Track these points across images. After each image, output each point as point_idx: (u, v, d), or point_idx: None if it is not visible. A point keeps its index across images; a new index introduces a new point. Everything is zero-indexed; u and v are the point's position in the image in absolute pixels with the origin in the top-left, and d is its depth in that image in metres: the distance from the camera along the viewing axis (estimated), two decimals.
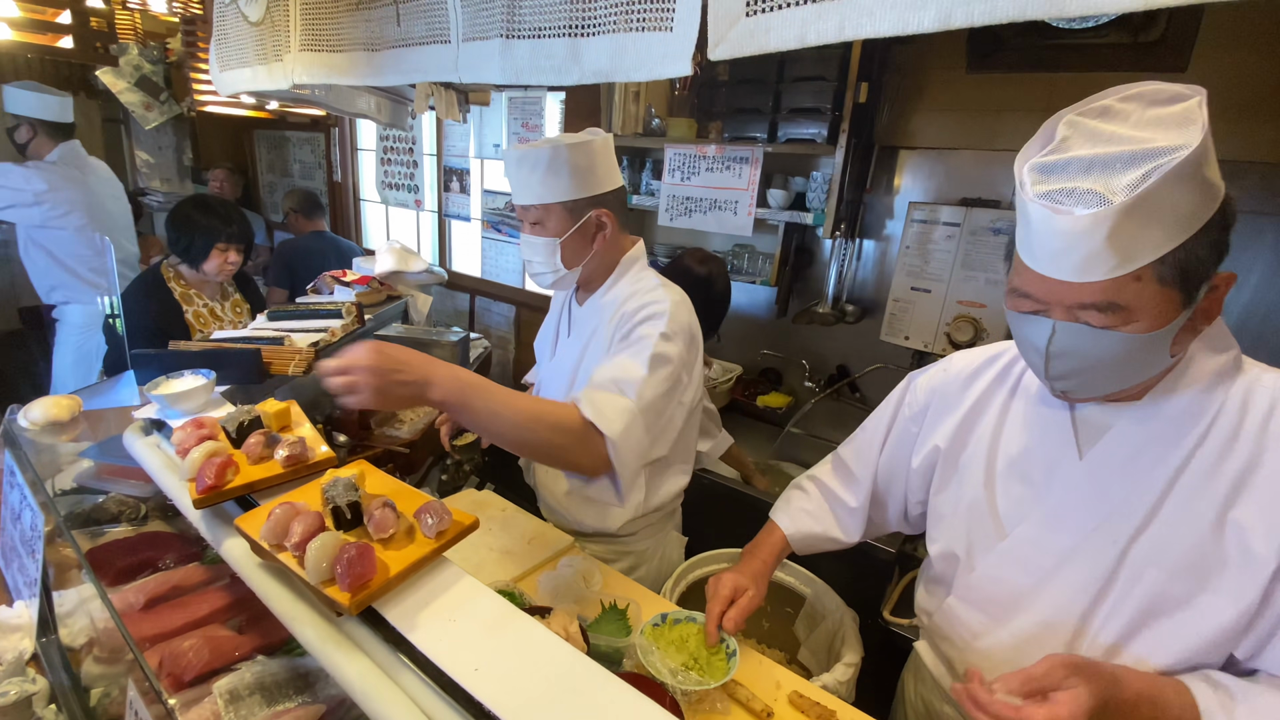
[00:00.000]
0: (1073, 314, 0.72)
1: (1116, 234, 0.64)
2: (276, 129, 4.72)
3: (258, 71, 1.10)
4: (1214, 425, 0.77)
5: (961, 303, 1.97)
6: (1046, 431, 0.89)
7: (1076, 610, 0.85)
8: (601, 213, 1.28)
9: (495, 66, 0.76)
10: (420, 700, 0.68)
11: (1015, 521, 0.90)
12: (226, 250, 2.11)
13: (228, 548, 0.89)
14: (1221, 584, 0.75)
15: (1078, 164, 0.67)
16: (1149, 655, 0.81)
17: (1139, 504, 0.79)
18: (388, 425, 1.88)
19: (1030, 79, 1.94)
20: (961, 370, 1.03)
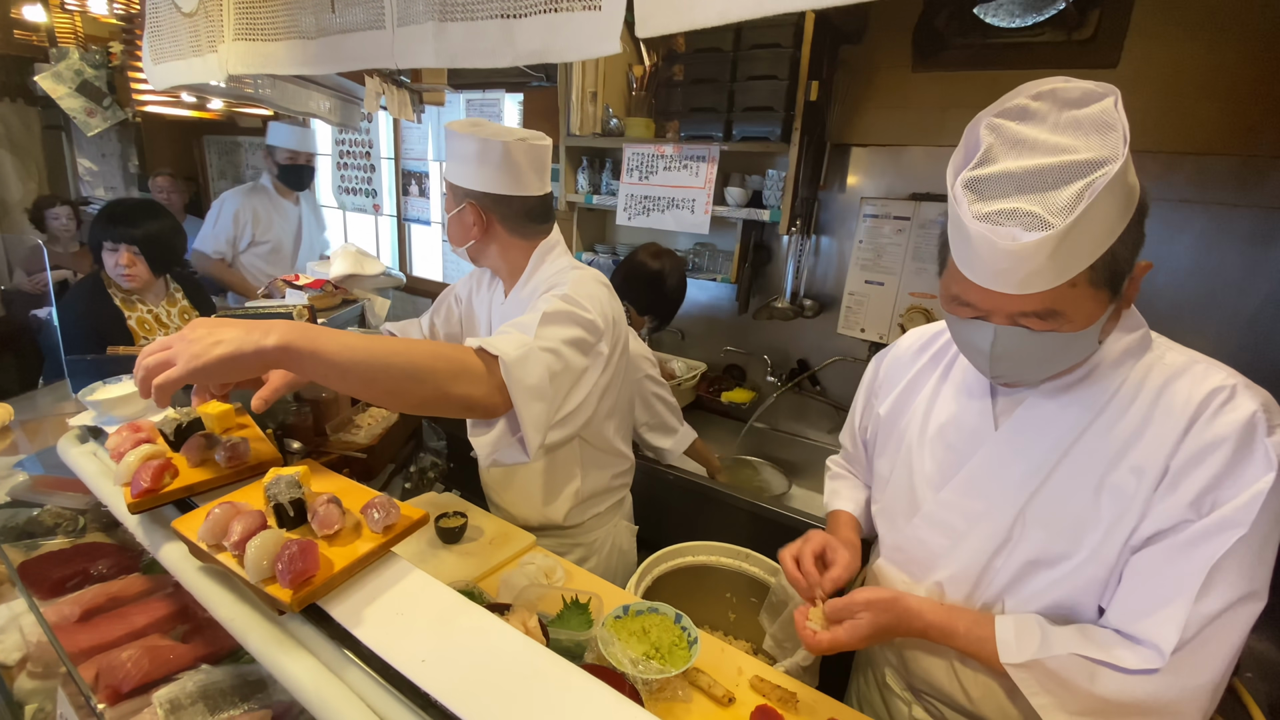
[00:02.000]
0: (1013, 319, 0.76)
1: (1057, 254, 0.67)
2: (227, 134, 4.59)
3: (192, 64, 1.07)
4: (1113, 399, 0.82)
5: (913, 294, 2.02)
6: (970, 402, 0.95)
7: (976, 566, 0.91)
8: (472, 210, 1.31)
9: (429, 50, 0.75)
10: (368, 696, 0.67)
11: (937, 486, 0.96)
12: (115, 251, 2.01)
13: (166, 552, 0.86)
14: (1092, 542, 0.81)
15: (1009, 180, 0.69)
16: (1027, 604, 0.87)
17: (1038, 471, 0.85)
18: (344, 431, 1.84)
19: (973, 76, 2.01)
20: (911, 344, 1.10)
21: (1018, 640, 0.81)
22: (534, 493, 1.50)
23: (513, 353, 0.97)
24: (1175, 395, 0.78)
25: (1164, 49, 1.75)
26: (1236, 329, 1.80)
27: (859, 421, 1.21)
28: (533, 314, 1.11)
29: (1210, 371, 0.79)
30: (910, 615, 0.90)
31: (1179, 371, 0.80)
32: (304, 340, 0.77)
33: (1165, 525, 0.76)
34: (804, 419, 2.55)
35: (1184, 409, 0.77)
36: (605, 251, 2.80)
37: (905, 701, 1.09)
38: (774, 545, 1.50)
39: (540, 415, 1.01)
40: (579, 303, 1.17)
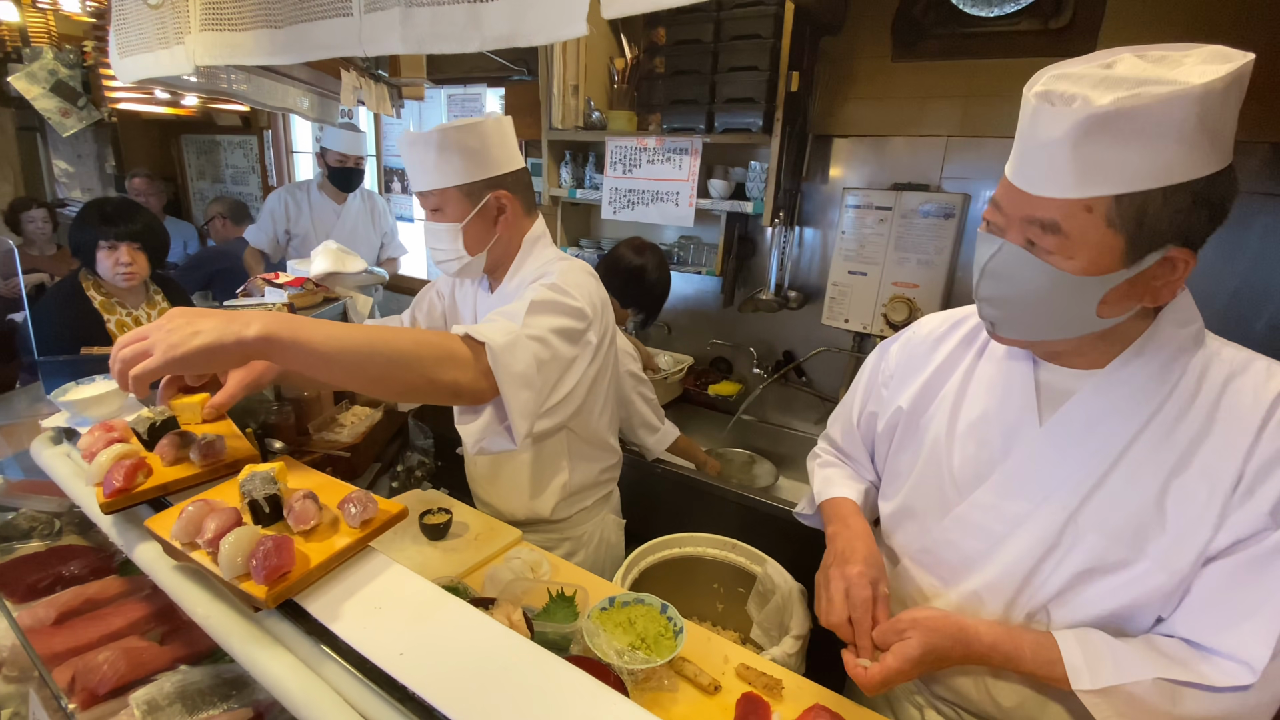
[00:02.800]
0: (1022, 235, 0.72)
1: (1083, 146, 0.63)
2: (205, 132, 4.54)
3: (159, 56, 1.05)
4: (1170, 397, 0.76)
5: (896, 284, 2.03)
6: (1009, 396, 0.87)
7: (1020, 572, 0.84)
8: (500, 195, 1.26)
9: (397, 36, 0.74)
10: (345, 691, 0.66)
11: (971, 485, 0.89)
12: (114, 249, 1.98)
13: (140, 552, 0.84)
14: (1158, 550, 0.75)
15: (1079, 78, 0.65)
16: (1076, 613, 0.82)
17: (1091, 472, 0.79)
18: (327, 430, 1.83)
19: (951, 66, 2.02)
20: (930, 332, 1.02)
21: (1089, 663, 0.75)
22: (521, 487, 1.49)
23: (500, 339, 0.96)
24: (1241, 395, 0.74)
25: (1138, 37, 1.75)
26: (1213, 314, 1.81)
27: (857, 413, 1.12)
28: (520, 302, 1.09)
29: (1274, 369, 0.75)
30: (969, 637, 0.80)
31: (1239, 369, 0.76)
32: (286, 330, 0.75)
33: (1244, 535, 0.71)
34: (791, 410, 2.56)
35: (1252, 410, 0.73)
36: (590, 246, 2.80)
37: (917, 706, 1.05)
38: (761, 535, 1.51)
39: (528, 403, 1.00)
40: (566, 291, 1.16)
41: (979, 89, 1.99)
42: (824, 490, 1.12)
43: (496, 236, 1.29)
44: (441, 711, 0.59)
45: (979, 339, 0.95)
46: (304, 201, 3.08)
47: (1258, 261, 1.75)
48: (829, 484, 1.13)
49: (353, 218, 3.10)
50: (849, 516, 1.03)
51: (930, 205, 1.95)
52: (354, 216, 3.11)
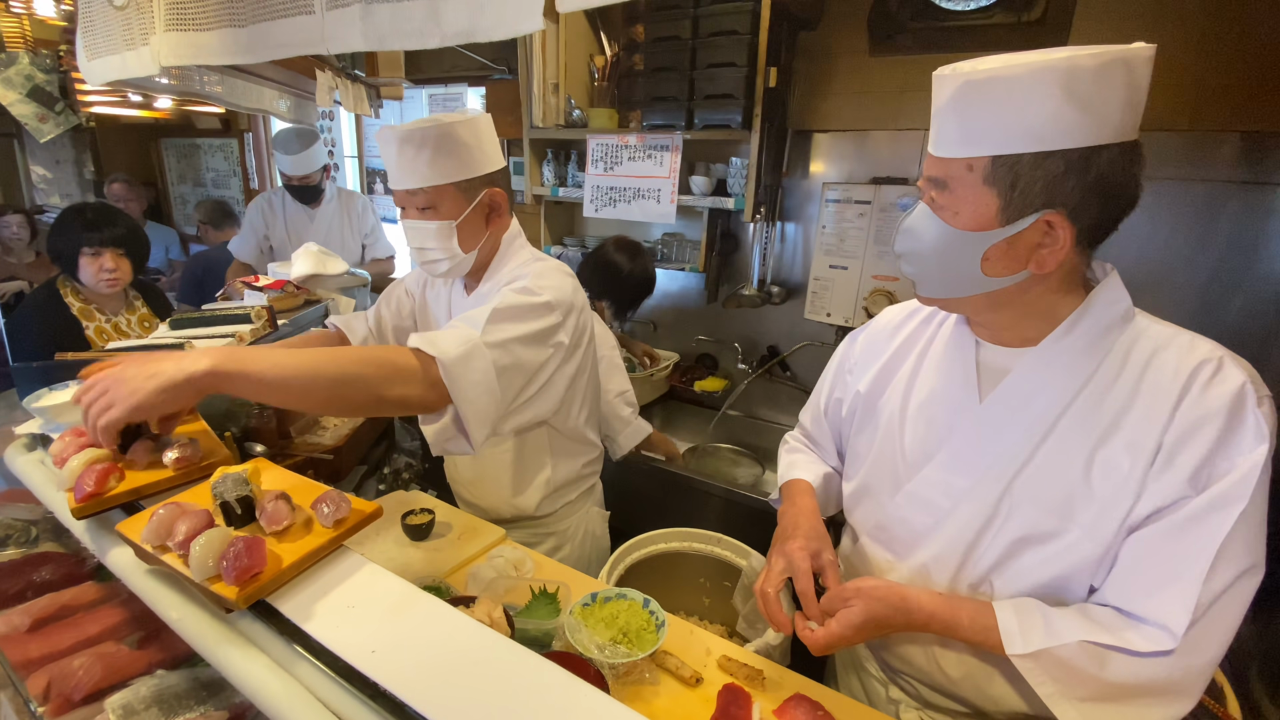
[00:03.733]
0: (926, 194, 0.80)
1: (963, 109, 0.72)
2: (185, 136, 4.49)
3: (125, 58, 1.04)
4: (1098, 371, 0.80)
5: (876, 277, 2.04)
6: (952, 375, 0.92)
7: (962, 544, 0.89)
8: (495, 192, 1.26)
9: (358, 32, 0.74)
10: (319, 690, 0.66)
11: (920, 463, 0.94)
12: (98, 256, 1.96)
13: (113, 557, 0.84)
14: (1085, 519, 0.78)
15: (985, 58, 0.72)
16: (1015, 582, 0.85)
17: (1024, 445, 0.83)
18: (309, 433, 1.82)
19: (928, 60, 2.01)
20: (890, 321, 1.07)
21: (1021, 629, 0.78)
22: (504, 485, 1.49)
23: (453, 351, 0.98)
24: (1163, 367, 0.77)
25: (1110, 30, 1.79)
26: (1188, 301, 1.85)
27: (825, 400, 1.17)
28: (484, 308, 1.09)
29: (1196, 343, 0.78)
30: (910, 605, 0.85)
31: (1164, 343, 0.79)
32: (231, 363, 0.84)
33: (1164, 503, 0.74)
34: (776, 405, 2.57)
35: (1172, 382, 0.75)
36: (574, 244, 2.80)
37: (881, 683, 1.08)
38: (746, 529, 1.52)
39: (485, 410, 1.03)
40: (534, 291, 1.16)
41: None
42: (786, 474, 1.18)
43: (487, 234, 1.29)
44: (413, 707, 0.60)
45: (933, 324, 1.00)
46: (278, 207, 3.06)
47: (1229, 249, 1.78)
48: (791, 468, 1.18)
49: (327, 221, 3.07)
50: (798, 496, 1.09)
51: (909, 199, 1.97)
52: (328, 219, 3.07)
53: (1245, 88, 1.68)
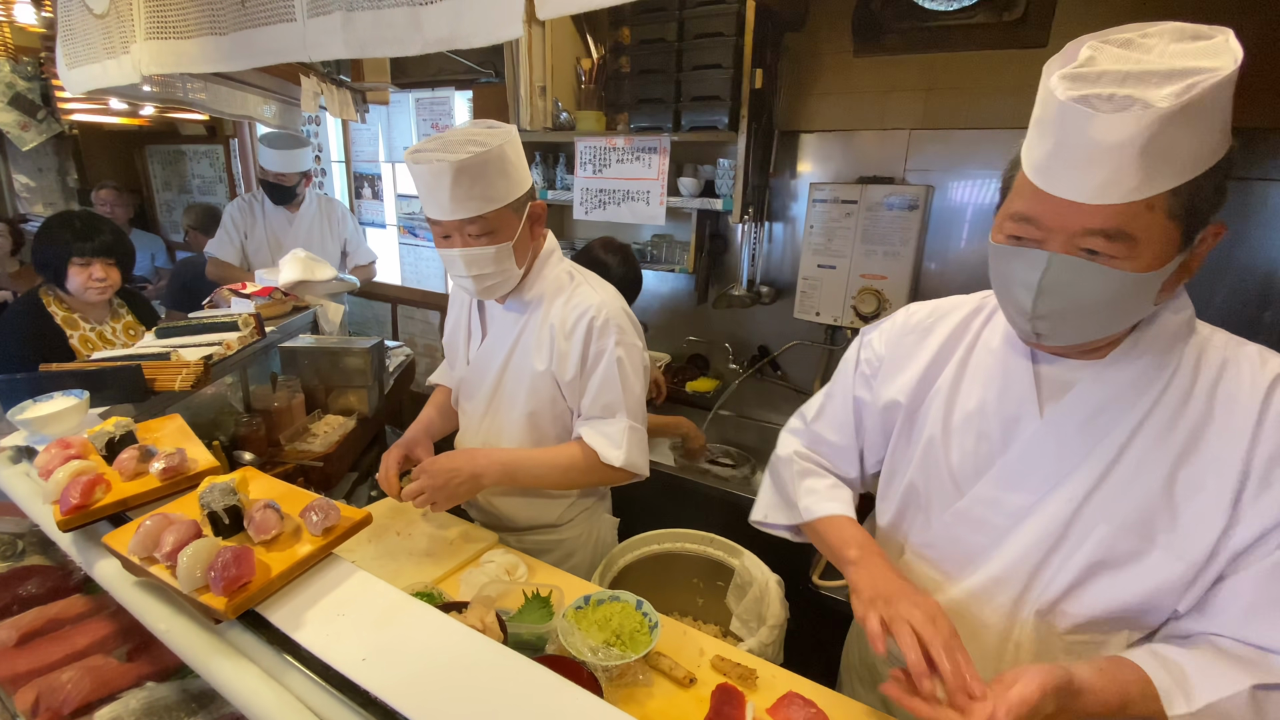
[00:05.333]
0: (1073, 245, 0.68)
1: (1150, 147, 0.61)
2: (170, 143, 4.46)
3: (106, 66, 1.03)
4: (1170, 385, 0.76)
5: (864, 276, 2.05)
6: (1007, 387, 0.86)
7: (1027, 566, 0.84)
8: (538, 204, 1.26)
9: (339, 40, 0.74)
10: (309, 700, 0.66)
11: (971, 479, 0.88)
12: (88, 265, 1.94)
13: (100, 569, 0.84)
14: (1170, 541, 0.75)
15: (1112, 76, 0.63)
16: (1090, 607, 0.81)
17: (1096, 462, 0.78)
18: (299, 440, 1.81)
19: (912, 60, 2.05)
20: (917, 322, 0.99)
21: (1178, 684, 0.71)
22: (531, 495, 1.48)
23: (621, 454, 1.28)
24: (1238, 382, 0.75)
25: (1090, 29, 1.80)
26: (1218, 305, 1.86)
27: (847, 404, 1.06)
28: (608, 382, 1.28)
29: (1265, 356, 0.76)
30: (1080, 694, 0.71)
31: (1232, 355, 0.77)
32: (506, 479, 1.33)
33: (1269, 525, 0.71)
34: (767, 404, 2.58)
35: (1250, 398, 0.73)
36: (565, 247, 2.80)
37: None
38: (740, 528, 1.52)
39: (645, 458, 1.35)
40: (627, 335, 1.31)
41: (939, 82, 2.03)
42: (815, 506, 1.03)
43: (532, 245, 1.30)
44: (404, 715, 0.60)
45: (971, 329, 0.94)
46: (257, 211, 3.05)
47: None
48: (817, 497, 1.04)
49: (306, 225, 3.06)
50: (867, 542, 0.95)
51: (895, 198, 1.98)
52: (308, 224, 3.06)
53: None
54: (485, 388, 1.41)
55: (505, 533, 1.47)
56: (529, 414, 1.36)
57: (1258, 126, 1.70)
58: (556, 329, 1.29)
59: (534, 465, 1.31)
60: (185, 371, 1.34)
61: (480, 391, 1.43)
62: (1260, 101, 1.67)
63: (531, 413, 1.36)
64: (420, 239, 3.55)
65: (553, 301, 1.31)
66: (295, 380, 1.92)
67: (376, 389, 2.08)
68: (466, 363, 1.45)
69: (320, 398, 2.02)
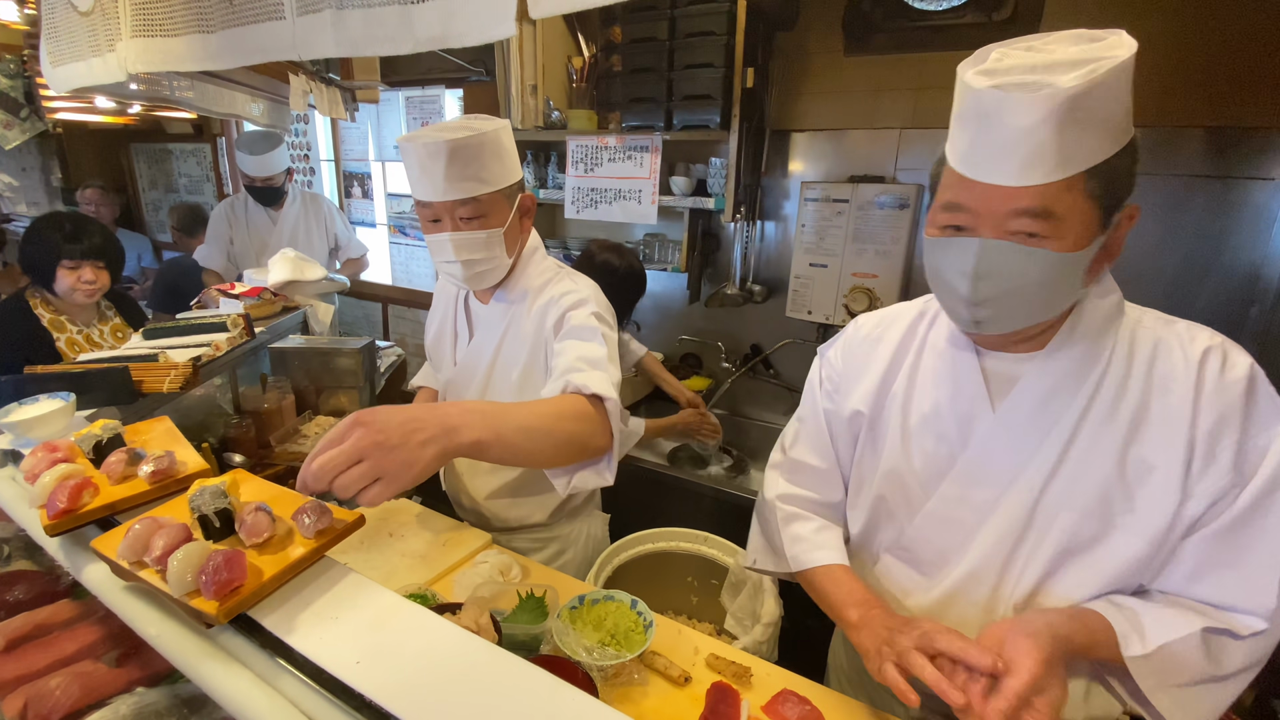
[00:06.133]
0: (1002, 229, 0.71)
1: (1062, 127, 0.65)
2: (156, 141, 4.41)
3: (91, 64, 1.01)
4: (1108, 369, 0.79)
5: (855, 274, 2.06)
6: (958, 387, 0.88)
7: (998, 559, 0.86)
8: (528, 195, 1.27)
9: (330, 39, 0.74)
10: (303, 704, 0.65)
11: (935, 479, 0.90)
12: (77, 268, 1.92)
13: (89, 574, 0.83)
14: (1129, 520, 0.78)
15: (1021, 68, 0.68)
16: (1066, 593, 0.84)
17: (1049, 451, 0.81)
18: (289, 441, 1.79)
19: (902, 60, 2.06)
20: (869, 333, 1.02)
21: (1135, 629, 0.76)
22: (519, 496, 1.47)
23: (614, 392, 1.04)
24: (1171, 361, 0.78)
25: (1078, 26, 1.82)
26: (1155, 293, 1.89)
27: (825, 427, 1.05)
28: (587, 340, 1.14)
29: (1193, 331, 0.80)
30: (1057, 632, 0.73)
31: (1162, 333, 0.80)
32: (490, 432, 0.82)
33: (1217, 496, 0.75)
34: (759, 403, 2.59)
35: (1185, 373, 0.77)
36: (556, 246, 2.79)
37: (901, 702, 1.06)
38: (733, 527, 1.53)
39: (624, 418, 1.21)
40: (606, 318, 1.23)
41: (928, 81, 2.04)
42: (806, 555, 1.00)
43: (520, 236, 1.30)
44: (398, 717, 0.59)
45: (918, 334, 0.96)
46: (240, 212, 3.03)
47: (1196, 242, 1.82)
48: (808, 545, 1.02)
49: (290, 225, 3.03)
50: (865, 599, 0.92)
51: (886, 197, 1.99)
52: (292, 223, 3.04)
53: (1209, 84, 1.72)
54: (473, 390, 1.39)
55: (496, 533, 1.47)
56: None
57: (1238, 126, 1.72)
58: (546, 312, 1.27)
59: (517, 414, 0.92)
60: (173, 373, 1.33)
61: (468, 394, 1.41)
62: (1240, 101, 1.70)
63: None
64: (411, 238, 3.53)
65: (539, 296, 1.30)
66: (285, 381, 1.91)
67: (368, 389, 2.06)
68: (454, 364, 1.44)
69: (311, 399, 2.01)
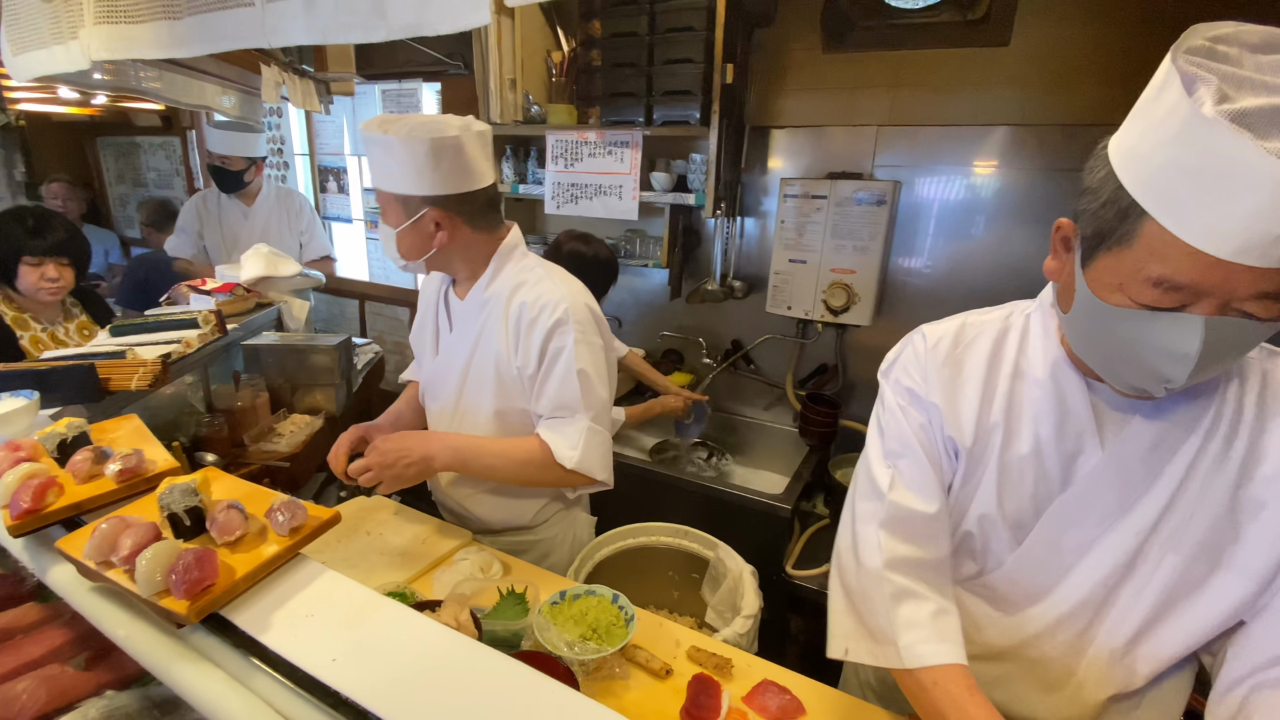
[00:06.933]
0: (1228, 306, 0.60)
1: None
2: (123, 134, 4.29)
3: (54, 52, 0.98)
4: (1223, 406, 0.75)
5: (834, 270, 2.08)
6: (1064, 422, 0.81)
7: (1094, 602, 0.82)
8: (436, 214, 1.20)
9: (301, 26, 0.72)
10: (278, 703, 0.64)
11: (1030, 521, 0.85)
12: (40, 265, 1.86)
13: (54, 575, 0.81)
14: (1235, 561, 0.75)
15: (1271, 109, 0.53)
16: (1170, 638, 0.80)
17: (1159, 493, 0.76)
18: (264, 440, 1.76)
19: (879, 57, 2.08)
20: (947, 353, 0.88)
21: None
22: (504, 497, 1.46)
23: (577, 455, 1.23)
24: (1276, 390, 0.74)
25: (1051, 28, 1.85)
26: None
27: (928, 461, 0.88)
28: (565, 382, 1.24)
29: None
30: None
31: (1269, 368, 0.76)
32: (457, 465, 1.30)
33: None
34: (741, 398, 2.60)
35: None
36: (537, 241, 2.77)
37: None
38: (715, 521, 1.54)
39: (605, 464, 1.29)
40: (588, 333, 1.25)
41: (905, 79, 2.06)
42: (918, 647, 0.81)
43: (434, 251, 1.25)
44: (377, 714, 0.59)
45: (1005, 361, 0.85)
46: (213, 206, 2.96)
47: None
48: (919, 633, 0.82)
49: (263, 219, 2.96)
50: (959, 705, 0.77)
51: (864, 193, 2.01)
52: (264, 218, 2.97)
53: None
54: (451, 385, 1.38)
55: (480, 534, 1.45)
56: (496, 412, 1.34)
57: None
58: (519, 321, 1.26)
59: (488, 455, 1.28)
60: (142, 370, 1.30)
61: (446, 389, 1.40)
62: None
63: (499, 411, 1.34)
64: None
65: (514, 295, 1.28)
66: (259, 379, 1.88)
67: (344, 387, 2.04)
68: (435, 354, 1.43)
69: (286, 397, 1.97)
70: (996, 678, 0.91)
